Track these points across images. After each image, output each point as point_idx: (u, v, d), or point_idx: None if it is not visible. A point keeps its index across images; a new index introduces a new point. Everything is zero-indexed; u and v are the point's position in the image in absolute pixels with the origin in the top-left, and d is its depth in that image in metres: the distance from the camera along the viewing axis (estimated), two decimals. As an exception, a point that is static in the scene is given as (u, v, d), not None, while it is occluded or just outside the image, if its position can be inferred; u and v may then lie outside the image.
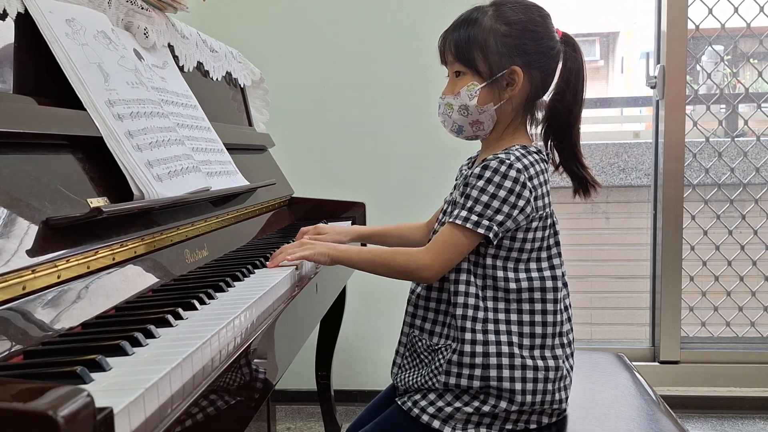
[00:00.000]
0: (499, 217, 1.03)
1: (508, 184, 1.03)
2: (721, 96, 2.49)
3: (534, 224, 1.06)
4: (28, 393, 0.44)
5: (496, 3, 1.11)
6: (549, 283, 1.07)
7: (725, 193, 2.49)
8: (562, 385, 1.08)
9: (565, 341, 1.09)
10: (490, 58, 1.08)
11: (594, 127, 3.04)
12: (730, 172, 2.48)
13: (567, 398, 1.11)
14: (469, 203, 1.04)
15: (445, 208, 1.18)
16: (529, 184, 1.04)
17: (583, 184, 1.16)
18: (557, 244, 1.11)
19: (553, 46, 1.10)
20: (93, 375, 0.60)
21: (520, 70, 1.08)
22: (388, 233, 1.38)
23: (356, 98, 2.28)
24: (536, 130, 1.16)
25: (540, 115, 1.15)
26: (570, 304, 1.12)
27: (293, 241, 1.38)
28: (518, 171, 1.03)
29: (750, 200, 2.49)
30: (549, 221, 1.09)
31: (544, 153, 1.12)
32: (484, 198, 1.03)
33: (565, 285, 1.11)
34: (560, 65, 1.12)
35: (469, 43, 1.09)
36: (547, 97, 1.14)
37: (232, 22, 2.29)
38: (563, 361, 1.07)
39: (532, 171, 1.06)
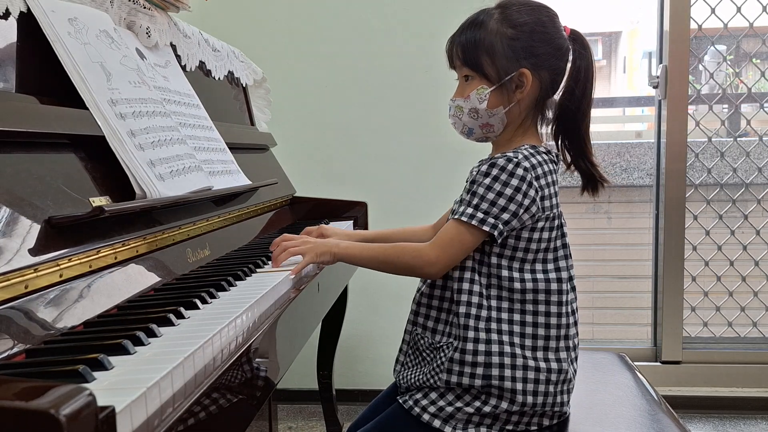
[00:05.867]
0: (505, 216, 1.03)
1: (515, 182, 1.03)
2: (723, 96, 2.49)
3: (540, 224, 1.06)
4: (31, 392, 0.45)
5: (502, 5, 1.10)
6: (554, 285, 1.06)
7: (727, 193, 2.48)
8: (564, 388, 1.07)
9: (569, 345, 1.08)
10: (497, 61, 1.08)
11: (596, 127, 3.03)
12: (732, 172, 2.48)
13: (569, 401, 1.10)
14: (476, 200, 1.04)
15: (453, 207, 1.18)
16: (535, 183, 1.04)
17: (591, 181, 1.15)
18: (565, 246, 1.10)
19: (561, 45, 1.10)
20: (95, 374, 0.60)
21: (529, 73, 1.08)
22: (394, 237, 1.34)
23: (358, 98, 2.28)
24: (547, 130, 1.15)
25: (551, 114, 1.14)
26: (576, 308, 1.11)
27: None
28: (525, 170, 1.03)
29: (752, 200, 2.49)
30: (556, 222, 1.08)
31: (554, 154, 1.12)
32: (491, 196, 1.03)
33: (573, 289, 1.10)
34: (569, 63, 1.12)
35: (476, 47, 1.09)
36: (557, 96, 1.13)
37: (235, 22, 2.29)
38: (566, 364, 1.07)
39: (539, 170, 1.06)
